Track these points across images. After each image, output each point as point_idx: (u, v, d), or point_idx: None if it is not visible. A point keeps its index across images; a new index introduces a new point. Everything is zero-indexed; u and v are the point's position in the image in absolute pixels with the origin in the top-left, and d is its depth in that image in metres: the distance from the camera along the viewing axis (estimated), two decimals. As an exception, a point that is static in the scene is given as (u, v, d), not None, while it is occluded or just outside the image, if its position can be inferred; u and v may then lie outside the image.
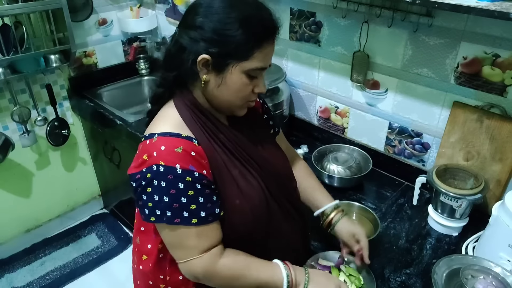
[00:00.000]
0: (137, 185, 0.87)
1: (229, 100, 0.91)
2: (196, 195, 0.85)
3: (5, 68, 1.85)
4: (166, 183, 0.83)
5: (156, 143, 0.85)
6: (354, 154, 1.60)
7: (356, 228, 1.11)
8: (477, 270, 1.01)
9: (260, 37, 0.84)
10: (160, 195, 0.83)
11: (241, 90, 0.88)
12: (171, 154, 0.84)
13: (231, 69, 0.84)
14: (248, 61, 0.84)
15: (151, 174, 0.83)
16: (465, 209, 1.23)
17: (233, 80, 0.86)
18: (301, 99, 1.84)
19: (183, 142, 0.86)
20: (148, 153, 0.85)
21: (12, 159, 2.17)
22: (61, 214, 2.51)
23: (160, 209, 0.84)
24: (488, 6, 0.99)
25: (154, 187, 0.84)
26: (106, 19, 2.26)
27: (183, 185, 0.83)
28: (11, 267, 2.27)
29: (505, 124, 1.23)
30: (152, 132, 0.89)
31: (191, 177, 0.83)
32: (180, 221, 0.85)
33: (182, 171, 0.83)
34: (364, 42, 1.48)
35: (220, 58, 0.84)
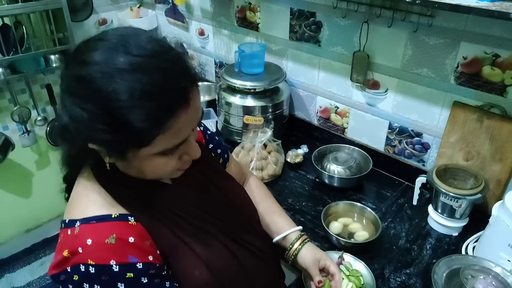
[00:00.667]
0: (64, 286, 0.67)
1: (152, 177, 0.74)
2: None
3: (5, 68, 1.85)
4: (100, 286, 0.64)
5: (80, 235, 0.66)
6: (354, 154, 1.60)
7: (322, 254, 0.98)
8: (477, 270, 1.01)
9: (159, 119, 0.61)
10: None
11: (159, 169, 0.70)
12: (102, 248, 0.65)
13: (133, 155, 0.65)
14: (151, 147, 0.64)
15: (79, 276, 0.64)
16: (465, 209, 1.23)
17: (142, 164, 0.68)
18: (301, 99, 1.84)
19: (115, 227, 0.68)
20: (70, 249, 0.66)
21: (12, 159, 2.17)
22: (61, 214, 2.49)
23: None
24: (488, 6, 0.99)
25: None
26: (106, 19, 2.27)
27: (124, 284, 0.65)
28: (11, 267, 2.27)
29: (505, 124, 1.23)
30: (72, 217, 0.70)
31: (133, 272, 0.66)
32: None
33: (120, 267, 0.65)
34: (364, 42, 1.48)
35: (111, 149, 0.65)
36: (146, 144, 0.63)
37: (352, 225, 1.27)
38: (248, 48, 1.73)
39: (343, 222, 1.28)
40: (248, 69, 1.72)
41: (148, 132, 0.61)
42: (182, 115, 0.63)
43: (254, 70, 1.73)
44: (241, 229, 0.88)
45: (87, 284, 0.65)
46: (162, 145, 0.65)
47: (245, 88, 1.66)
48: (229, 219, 0.86)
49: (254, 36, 1.91)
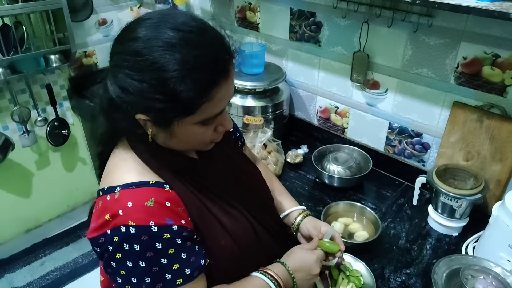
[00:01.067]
0: (103, 250, 0.72)
1: (187, 148, 0.81)
2: (178, 252, 0.73)
3: (5, 68, 1.85)
4: (140, 245, 0.69)
5: (120, 199, 0.71)
6: (354, 154, 1.60)
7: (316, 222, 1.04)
8: (477, 270, 1.01)
9: (206, 88, 0.68)
10: (135, 261, 0.70)
11: (198, 139, 0.77)
12: (142, 210, 0.70)
13: (177, 124, 0.72)
14: (196, 115, 0.71)
15: (119, 237, 0.69)
16: (465, 209, 1.23)
17: (184, 133, 0.74)
18: (301, 99, 1.84)
19: (153, 192, 0.73)
20: (111, 212, 0.71)
21: (12, 159, 2.17)
22: (61, 214, 2.51)
23: (136, 277, 0.71)
24: (488, 6, 0.99)
25: (125, 252, 0.70)
26: (106, 19, 2.26)
27: (162, 244, 0.71)
28: (11, 267, 2.27)
29: (505, 124, 1.23)
30: (111, 184, 0.75)
31: (170, 233, 0.71)
32: (163, 286, 0.72)
33: (158, 228, 0.70)
34: (364, 42, 1.48)
35: (160, 117, 0.71)
36: (192, 112, 0.70)
37: (352, 225, 1.27)
38: (248, 48, 1.73)
39: (343, 222, 1.28)
40: (248, 69, 1.72)
41: (196, 100, 0.68)
42: (223, 86, 0.70)
43: (254, 70, 1.73)
44: (257, 207, 0.93)
45: (127, 244, 0.69)
46: (205, 113, 0.71)
47: (245, 88, 1.66)
48: (248, 196, 0.92)
49: (254, 36, 1.91)
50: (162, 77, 0.66)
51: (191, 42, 0.67)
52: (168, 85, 0.66)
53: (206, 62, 0.68)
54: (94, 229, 0.73)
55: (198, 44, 0.68)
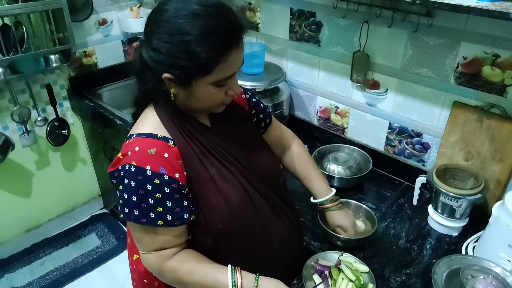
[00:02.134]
0: (113, 182, 0.91)
1: (202, 107, 0.93)
2: (164, 198, 0.86)
3: (5, 68, 1.85)
4: (135, 183, 0.85)
5: (132, 143, 0.87)
6: (354, 154, 1.60)
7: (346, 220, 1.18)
8: (477, 270, 1.01)
9: (221, 51, 0.82)
10: (129, 194, 0.86)
11: (211, 98, 0.89)
12: (143, 155, 0.85)
13: (196, 83, 0.84)
14: (211, 75, 0.84)
15: (124, 172, 0.86)
16: (465, 209, 1.23)
17: (200, 92, 0.87)
18: (301, 99, 1.84)
19: (157, 143, 0.88)
20: (123, 152, 0.88)
21: (12, 159, 2.17)
22: (61, 214, 2.51)
23: (128, 207, 0.87)
24: (488, 6, 0.99)
25: (124, 185, 0.86)
26: (106, 19, 2.26)
27: (151, 187, 0.85)
28: (11, 267, 2.27)
29: (505, 124, 1.23)
30: (132, 133, 0.92)
31: (160, 180, 0.85)
32: (146, 221, 0.86)
33: (152, 173, 0.84)
34: (364, 42, 1.48)
35: (182, 76, 0.84)
36: (209, 72, 0.82)
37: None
38: (248, 48, 1.73)
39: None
40: (248, 69, 1.72)
41: (212, 61, 0.81)
42: (233, 52, 0.83)
43: (254, 70, 1.73)
44: (262, 182, 1.01)
45: (127, 179, 0.85)
46: (219, 74, 0.84)
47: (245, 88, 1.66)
48: (252, 169, 0.99)
49: (254, 36, 1.91)
50: (186, 40, 0.79)
51: (211, 13, 0.81)
52: (190, 46, 0.79)
53: (222, 29, 0.81)
54: (112, 165, 0.91)
55: (216, 15, 0.82)
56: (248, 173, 0.98)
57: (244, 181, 0.97)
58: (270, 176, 1.06)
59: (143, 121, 0.94)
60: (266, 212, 1.01)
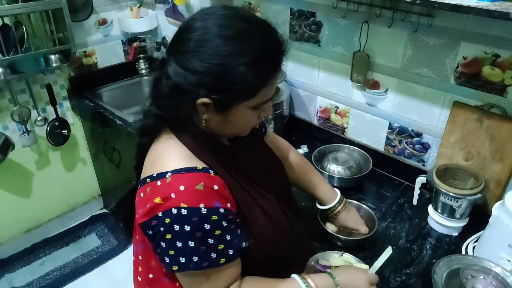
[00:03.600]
0: (155, 232, 0.77)
1: (233, 132, 0.88)
2: (223, 233, 0.78)
3: (5, 68, 1.85)
4: (190, 226, 0.74)
5: (172, 183, 0.76)
6: (354, 154, 1.60)
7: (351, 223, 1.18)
8: (477, 270, 1.01)
9: (270, 75, 0.77)
10: (184, 241, 0.75)
11: (247, 123, 0.85)
12: (193, 193, 0.75)
13: (235, 108, 0.78)
14: (253, 99, 0.78)
15: (171, 219, 0.74)
16: (465, 209, 1.23)
17: (238, 116, 0.80)
18: (301, 99, 1.84)
19: (202, 177, 0.78)
20: (162, 196, 0.75)
21: (12, 159, 2.17)
22: (61, 214, 2.51)
23: (184, 256, 0.76)
24: (488, 6, 0.99)
25: (175, 232, 0.75)
26: (106, 19, 2.27)
27: (209, 225, 0.76)
28: (11, 267, 2.27)
29: (505, 124, 1.23)
30: (161, 171, 0.79)
31: (217, 215, 0.76)
32: (208, 264, 0.77)
33: (208, 210, 0.75)
34: (364, 42, 1.48)
35: (222, 100, 0.77)
36: (253, 96, 0.77)
37: None
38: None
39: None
40: (248, 69, 1.72)
41: (260, 84, 0.76)
42: (277, 75, 0.79)
43: (254, 70, 1.73)
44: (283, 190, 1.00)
45: (178, 226, 0.74)
46: (260, 98, 0.79)
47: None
48: (277, 184, 0.97)
49: (254, 36, 1.91)
50: (238, 62, 0.73)
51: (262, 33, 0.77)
52: (242, 68, 0.73)
53: (273, 52, 0.77)
54: (145, 214, 0.78)
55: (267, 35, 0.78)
56: (275, 188, 0.95)
57: (277, 197, 0.93)
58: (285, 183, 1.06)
59: (170, 154, 0.82)
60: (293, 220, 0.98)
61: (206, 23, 0.75)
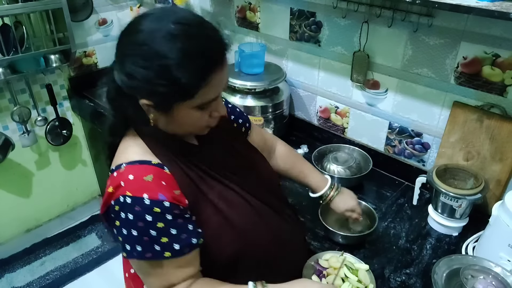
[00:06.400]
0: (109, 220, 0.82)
1: (185, 132, 0.87)
2: (167, 226, 0.78)
3: (5, 68, 1.85)
4: (133, 215, 0.76)
5: (124, 173, 0.79)
6: (354, 154, 1.60)
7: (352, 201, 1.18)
8: (477, 270, 1.01)
9: (204, 74, 0.75)
10: (128, 229, 0.77)
11: (195, 123, 0.83)
12: (140, 183, 0.78)
13: (177, 108, 0.78)
14: (193, 99, 0.77)
15: (119, 206, 0.78)
16: (465, 209, 1.23)
17: (182, 116, 0.80)
18: (301, 99, 1.84)
19: (154, 170, 0.80)
20: (114, 185, 0.79)
21: (12, 159, 2.17)
22: (61, 214, 2.51)
23: (129, 244, 0.78)
24: (488, 6, 0.99)
25: (122, 220, 0.78)
26: (106, 19, 2.26)
27: (151, 217, 0.77)
28: (11, 267, 2.27)
29: (505, 124, 1.23)
30: (118, 163, 0.83)
31: (160, 208, 0.77)
32: (152, 256, 0.78)
33: (151, 201, 0.77)
34: (364, 42, 1.48)
35: (161, 102, 0.78)
36: (191, 96, 0.76)
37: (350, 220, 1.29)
38: (248, 48, 1.73)
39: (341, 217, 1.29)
40: (248, 69, 1.72)
41: (194, 85, 0.75)
42: (218, 73, 0.77)
43: (254, 70, 1.73)
44: (263, 189, 0.98)
45: (123, 213, 0.77)
46: (202, 98, 0.78)
47: (245, 88, 1.66)
48: (249, 178, 0.96)
49: (254, 36, 1.91)
50: (164, 64, 0.73)
51: (190, 33, 0.75)
52: (170, 71, 0.72)
53: (203, 51, 0.75)
54: (102, 205, 0.82)
55: (197, 35, 0.76)
56: (249, 185, 0.94)
57: (246, 195, 0.93)
58: (269, 182, 1.04)
59: (128, 148, 0.86)
60: (273, 219, 0.98)
61: (139, 25, 0.76)
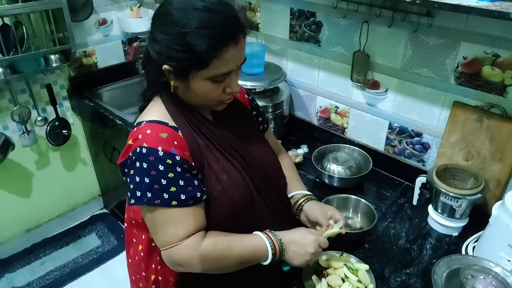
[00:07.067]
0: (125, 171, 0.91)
1: (200, 102, 0.94)
2: (176, 177, 0.86)
3: (5, 68, 1.85)
4: (147, 164, 0.85)
5: (143, 128, 0.89)
6: (354, 154, 1.60)
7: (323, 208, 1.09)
8: (477, 270, 1.01)
9: (217, 45, 0.83)
10: (141, 176, 0.86)
11: (208, 94, 0.90)
12: (156, 137, 0.87)
13: (193, 76, 0.86)
14: (207, 70, 0.84)
15: (135, 156, 0.86)
16: (465, 209, 1.23)
17: (197, 86, 0.88)
18: (301, 99, 1.84)
19: (169, 130, 0.89)
20: (133, 138, 0.88)
21: (12, 159, 2.17)
22: (61, 214, 2.51)
23: (140, 191, 0.86)
24: (488, 6, 0.99)
25: (136, 168, 0.86)
26: (106, 19, 2.26)
27: (163, 167, 0.85)
28: (11, 267, 2.27)
29: (505, 124, 1.23)
30: (140, 120, 0.93)
31: (172, 160, 0.86)
32: (160, 203, 0.86)
33: (164, 153, 0.85)
34: (364, 42, 1.48)
35: (179, 68, 0.86)
36: (205, 66, 0.83)
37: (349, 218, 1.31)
38: (248, 48, 1.72)
39: None
40: (248, 69, 1.72)
41: (207, 54, 0.82)
42: (231, 48, 0.84)
43: (254, 70, 1.73)
44: (263, 181, 1.01)
45: (138, 162, 0.86)
46: (215, 70, 0.85)
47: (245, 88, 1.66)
48: (255, 168, 1.00)
49: (254, 36, 1.91)
50: (182, 32, 0.81)
51: (210, 8, 0.83)
52: (186, 38, 0.81)
53: (218, 24, 0.82)
54: (122, 155, 0.92)
55: (215, 10, 0.83)
56: (251, 170, 0.99)
57: (247, 178, 0.97)
58: (271, 175, 1.06)
59: (151, 110, 0.95)
60: (264, 214, 1.00)
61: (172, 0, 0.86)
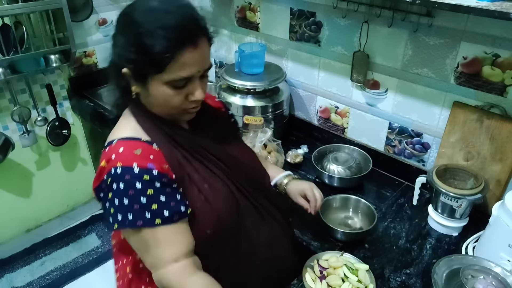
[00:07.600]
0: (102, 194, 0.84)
1: (163, 110, 0.89)
2: (156, 194, 0.81)
3: (5, 68, 1.85)
4: (124, 184, 0.80)
5: (115, 147, 0.84)
6: (354, 154, 1.60)
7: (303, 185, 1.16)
8: (477, 270, 1.01)
9: (173, 47, 0.79)
10: (120, 198, 0.80)
11: (168, 101, 0.85)
12: (129, 155, 0.82)
13: (151, 81, 0.83)
14: (164, 73, 0.80)
15: (110, 178, 0.81)
16: (465, 209, 1.23)
17: (156, 91, 0.84)
18: (301, 99, 1.84)
19: (143, 145, 0.85)
20: (106, 158, 0.83)
21: (12, 159, 2.17)
22: (61, 214, 2.51)
23: (121, 213, 0.81)
24: (488, 6, 0.99)
25: (113, 191, 0.81)
26: (106, 19, 2.26)
27: (141, 184, 0.80)
28: (11, 267, 2.26)
29: (505, 124, 1.23)
30: (111, 139, 0.88)
31: (149, 175, 0.81)
32: (143, 223, 0.81)
33: (140, 170, 0.81)
34: (364, 42, 1.48)
35: (137, 70, 0.83)
36: (161, 68, 0.80)
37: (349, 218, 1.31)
38: (248, 48, 1.73)
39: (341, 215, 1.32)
40: (248, 69, 1.72)
41: (162, 56, 0.78)
42: (189, 51, 0.80)
43: (254, 70, 1.73)
44: (248, 183, 0.98)
45: (115, 184, 0.80)
46: (172, 74, 0.80)
47: (245, 88, 1.66)
48: (239, 172, 0.97)
49: (254, 36, 1.91)
50: (137, 32, 0.79)
51: (167, 9, 0.81)
52: (141, 38, 0.79)
53: (174, 25, 0.79)
54: (95, 179, 0.86)
55: (172, 11, 0.81)
56: (233, 174, 0.95)
57: (229, 183, 0.94)
58: (256, 176, 1.04)
59: (121, 126, 0.91)
60: (252, 216, 0.97)
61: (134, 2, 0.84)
